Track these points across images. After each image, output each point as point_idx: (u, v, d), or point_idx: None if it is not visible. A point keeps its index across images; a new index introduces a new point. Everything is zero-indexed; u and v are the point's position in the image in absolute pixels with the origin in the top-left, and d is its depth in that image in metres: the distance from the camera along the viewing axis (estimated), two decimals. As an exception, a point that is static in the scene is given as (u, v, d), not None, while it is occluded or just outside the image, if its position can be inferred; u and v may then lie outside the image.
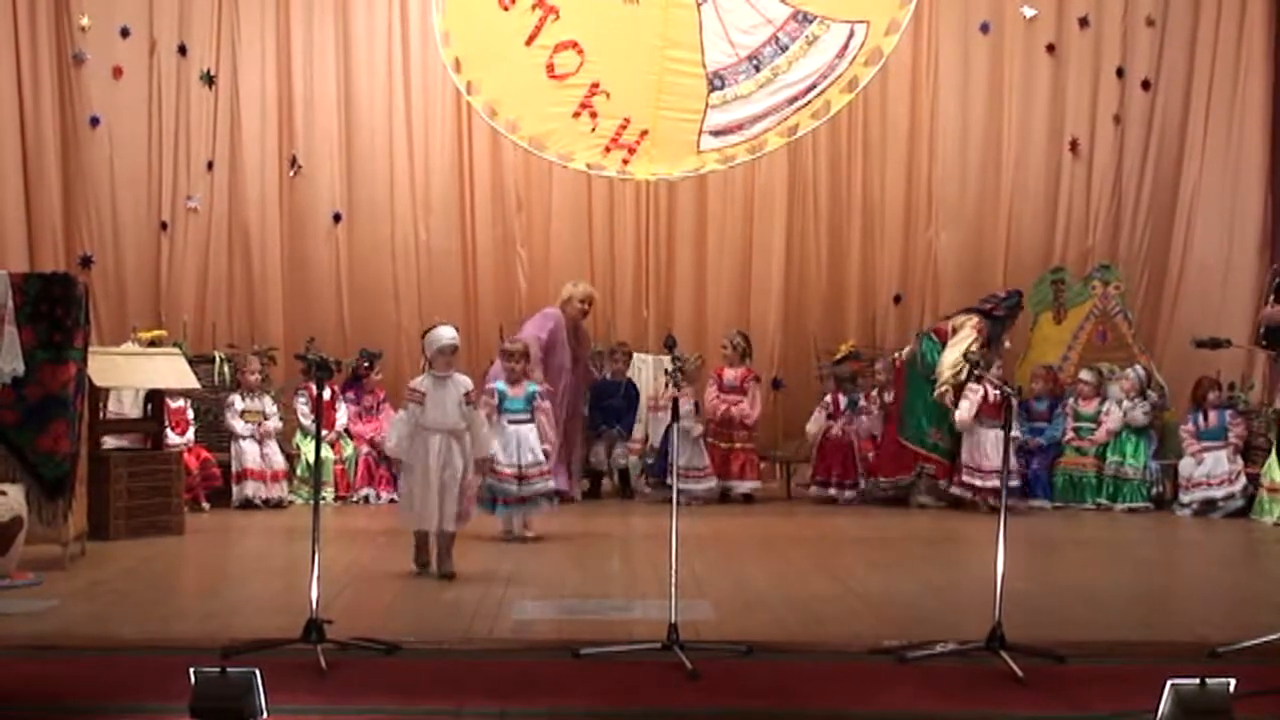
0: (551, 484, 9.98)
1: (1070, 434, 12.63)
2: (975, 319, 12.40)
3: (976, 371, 11.24)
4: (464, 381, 8.56)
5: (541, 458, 9.83)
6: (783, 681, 5.91)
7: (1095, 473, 12.50)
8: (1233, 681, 5.01)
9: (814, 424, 12.89)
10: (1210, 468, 12.06)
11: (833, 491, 12.65)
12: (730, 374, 12.74)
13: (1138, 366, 12.80)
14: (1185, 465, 12.27)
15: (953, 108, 14.13)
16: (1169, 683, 5.00)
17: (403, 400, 8.80)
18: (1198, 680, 4.97)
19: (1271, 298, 9.78)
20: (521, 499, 9.71)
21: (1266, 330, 9.76)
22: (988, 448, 11.89)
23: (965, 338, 12.21)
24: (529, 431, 9.81)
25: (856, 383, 13.02)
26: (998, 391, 11.36)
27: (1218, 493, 11.99)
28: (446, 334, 8.60)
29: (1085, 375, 12.85)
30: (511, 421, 9.78)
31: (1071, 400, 12.78)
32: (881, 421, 12.79)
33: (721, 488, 12.58)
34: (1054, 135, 14.12)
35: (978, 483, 11.93)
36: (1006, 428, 7.04)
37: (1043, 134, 14.13)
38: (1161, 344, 13.71)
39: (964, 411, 12.01)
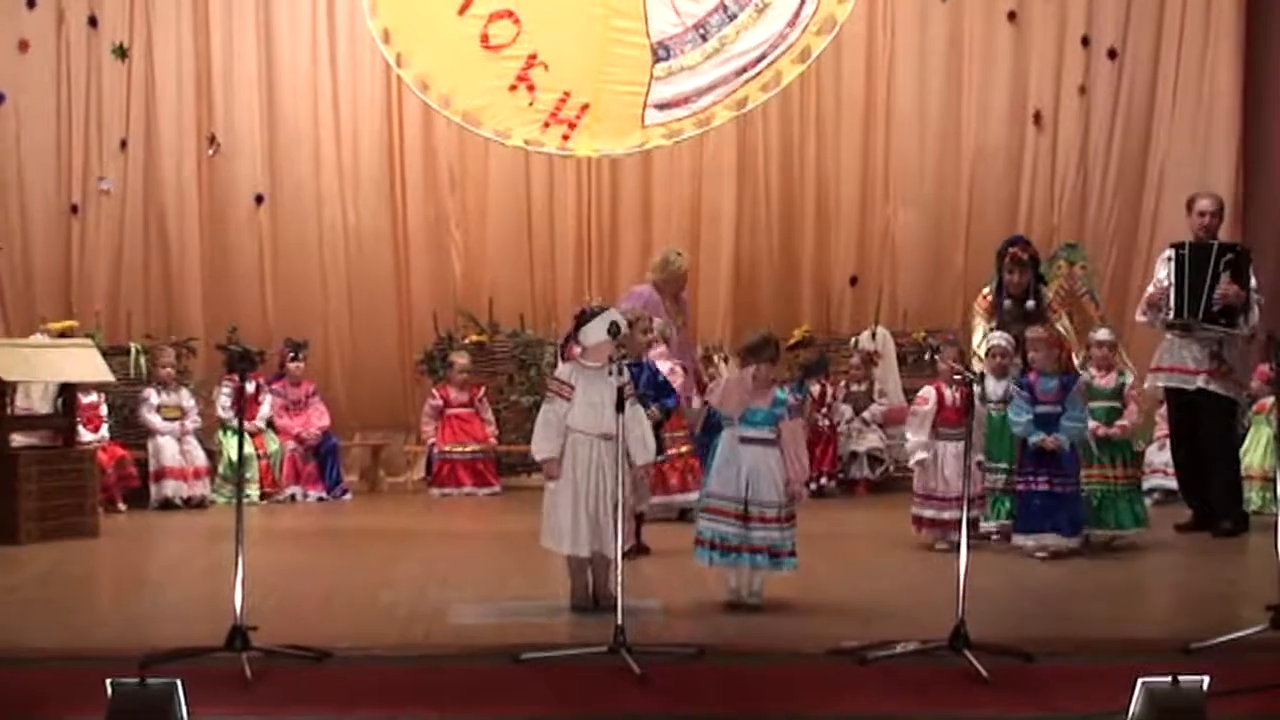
0: (789, 534, 7.45)
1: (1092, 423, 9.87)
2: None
3: (948, 366, 9.79)
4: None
5: (783, 496, 7.43)
6: (736, 685, 5.92)
7: (1131, 485, 10.08)
8: (1206, 679, 5.06)
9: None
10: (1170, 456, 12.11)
11: (824, 482, 12.57)
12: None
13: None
14: (1150, 451, 12.33)
15: (910, 79, 14.13)
16: (1140, 681, 5.04)
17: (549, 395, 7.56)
18: (1170, 678, 5.02)
19: (1225, 275, 10.01)
20: (751, 549, 7.36)
21: (1224, 309, 10.01)
22: (946, 468, 9.72)
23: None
24: (770, 458, 7.43)
25: (827, 372, 13.02)
26: (956, 386, 9.36)
27: (1172, 483, 12.00)
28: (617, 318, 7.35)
29: (1103, 334, 10.54)
30: (745, 440, 7.43)
31: (1087, 376, 10.05)
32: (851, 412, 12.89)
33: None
34: (1016, 107, 14.15)
35: (930, 514, 9.76)
36: (969, 412, 7.01)
37: (1004, 106, 14.16)
38: (1130, 326, 13.77)
39: (912, 428, 9.99)
